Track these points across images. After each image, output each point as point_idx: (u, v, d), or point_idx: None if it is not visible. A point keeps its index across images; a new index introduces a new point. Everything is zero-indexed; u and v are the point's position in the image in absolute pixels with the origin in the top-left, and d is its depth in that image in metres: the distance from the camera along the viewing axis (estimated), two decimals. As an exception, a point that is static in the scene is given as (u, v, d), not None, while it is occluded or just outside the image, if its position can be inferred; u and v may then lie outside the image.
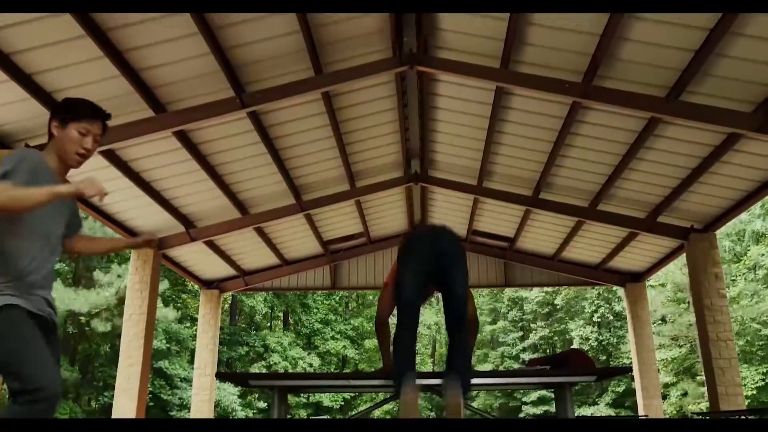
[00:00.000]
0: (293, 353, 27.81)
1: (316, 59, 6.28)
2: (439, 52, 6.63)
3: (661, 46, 5.56)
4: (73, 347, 22.15)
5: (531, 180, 8.89)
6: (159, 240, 9.04)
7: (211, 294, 12.16)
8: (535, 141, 7.86)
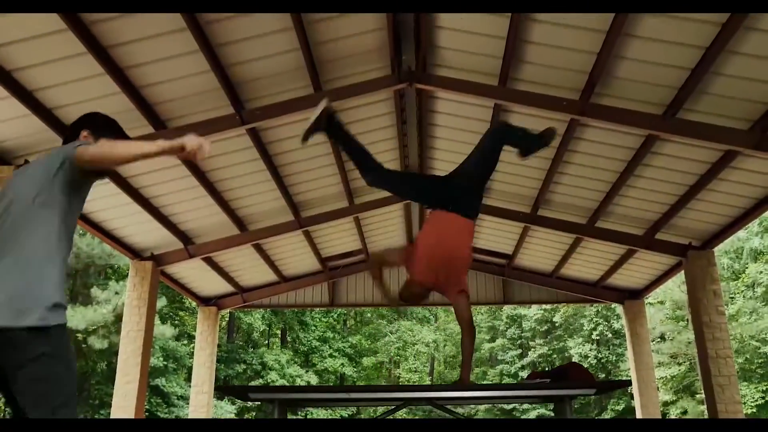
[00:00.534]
0: (291, 371, 27.61)
1: (315, 77, 6.33)
2: (438, 69, 6.68)
3: (658, 64, 5.62)
4: (70, 365, 21.95)
5: (529, 197, 8.91)
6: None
7: (209, 311, 12.09)
8: (534, 158, 7.86)
